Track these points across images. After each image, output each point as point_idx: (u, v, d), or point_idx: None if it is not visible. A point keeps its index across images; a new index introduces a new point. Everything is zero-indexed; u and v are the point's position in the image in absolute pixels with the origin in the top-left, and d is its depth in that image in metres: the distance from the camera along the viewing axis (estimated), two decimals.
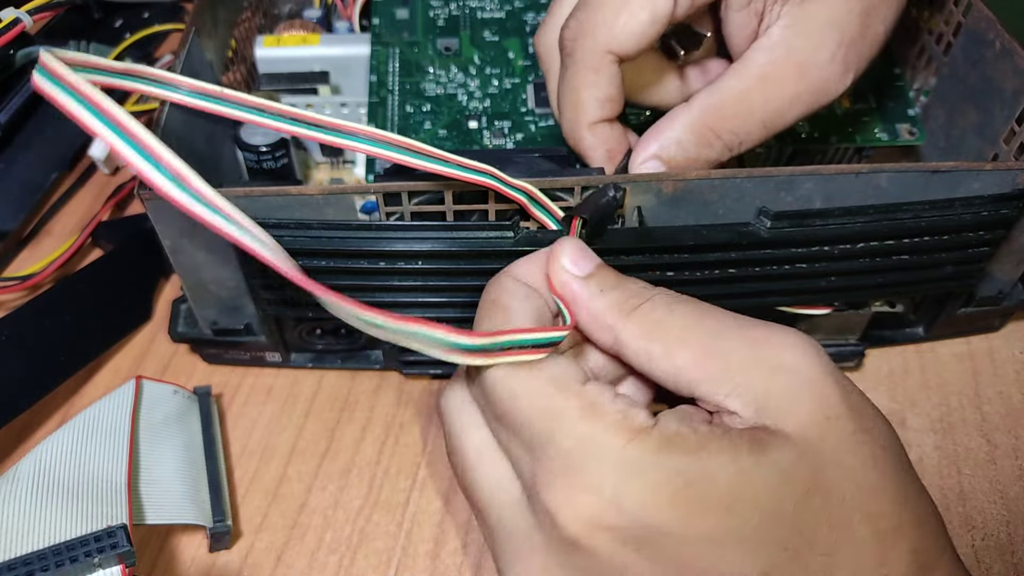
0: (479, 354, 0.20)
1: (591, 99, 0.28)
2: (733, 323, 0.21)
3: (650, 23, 0.27)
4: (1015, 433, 0.33)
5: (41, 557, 0.22)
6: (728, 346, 0.21)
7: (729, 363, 0.20)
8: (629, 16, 0.27)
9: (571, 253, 0.23)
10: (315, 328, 0.33)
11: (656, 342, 0.21)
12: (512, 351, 0.21)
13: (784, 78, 0.27)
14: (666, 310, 0.22)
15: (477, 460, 0.22)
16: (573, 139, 0.30)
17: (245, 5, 0.39)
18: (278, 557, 0.30)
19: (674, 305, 0.22)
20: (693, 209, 0.28)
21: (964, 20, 0.33)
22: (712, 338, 0.21)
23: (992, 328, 0.36)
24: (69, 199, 0.42)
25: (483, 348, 0.20)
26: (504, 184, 0.25)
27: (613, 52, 0.27)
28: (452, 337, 0.20)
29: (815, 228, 0.27)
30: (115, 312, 0.36)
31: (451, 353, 0.20)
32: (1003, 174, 0.28)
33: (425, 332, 0.20)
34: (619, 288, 0.22)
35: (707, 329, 0.21)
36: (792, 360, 0.20)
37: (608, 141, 0.29)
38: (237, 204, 0.27)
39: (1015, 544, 0.30)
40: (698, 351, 0.21)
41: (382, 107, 0.35)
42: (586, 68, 0.28)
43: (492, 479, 0.22)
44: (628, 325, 0.22)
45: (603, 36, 0.27)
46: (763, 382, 0.20)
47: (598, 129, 0.29)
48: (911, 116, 0.35)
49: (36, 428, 0.33)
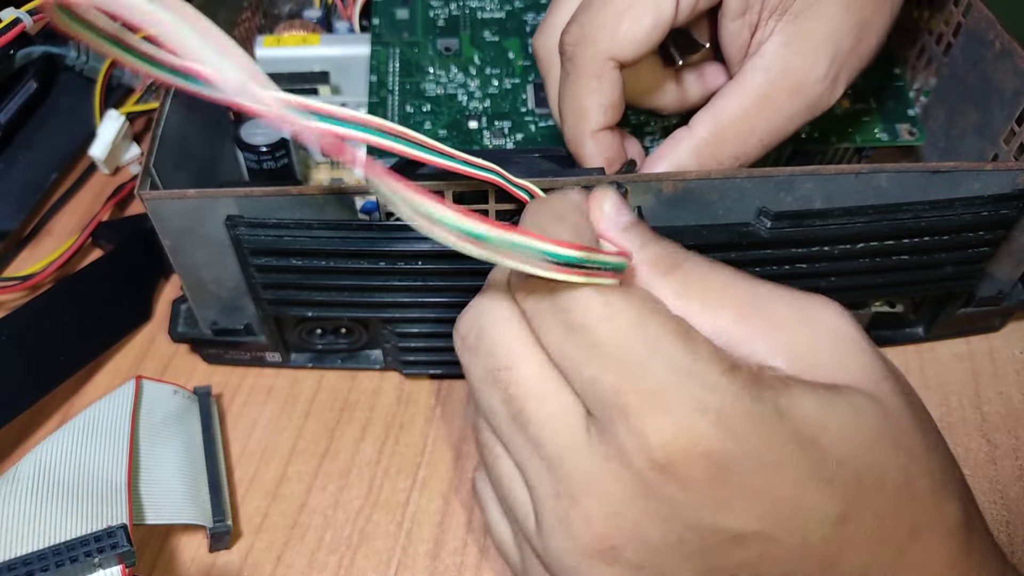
0: (575, 269, 0.19)
1: (594, 106, 0.28)
2: (770, 286, 0.21)
3: (652, 28, 0.27)
4: (1015, 433, 0.33)
5: (41, 557, 0.22)
6: (769, 306, 0.21)
7: (772, 321, 0.20)
8: (633, 22, 0.27)
9: (613, 201, 0.22)
10: (315, 328, 0.33)
11: (695, 300, 0.21)
12: (602, 271, 0.19)
13: (781, 98, 0.27)
14: (705, 268, 0.21)
15: (539, 385, 0.20)
16: (575, 146, 0.29)
17: (245, 5, 0.39)
18: (278, 557, 0.30)
19: (713, 265, 0.22)
20: (693, 209, 0.28)
21: (964, 20, 0.33)
22: (752, 298, 0.21)
23: (992, 328, 0.36)
24: (69, 199, 0.42)
25: (580, 263, 0.19)
26: (509, 182, 0.25)
27: (615, 58, 0.27)
28: (555, 249, 0.18)
29: (815, 228, 0.27)
30: (115, 312, 0.36)
31: (552, 268, 0.19)
32: (1003, 174, 0.28)
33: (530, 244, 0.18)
34: (659, 243, 0.22)
35: (746, 289, 0.21)
36: (834, 321, 0.21)
37: (609, 148, 0.29)
38: (237, 204, 0.27)
39: (1015, 544, 0.30)
40: (739, 310, 0.21)
41: (382, 107, 0.35)
42: (588, 75, 0.27)
43: (556, 406, 0.20)
44: (666, 282, 0.21)
45: (605, 42, 0.27)
46: (808, 340, 0.20)
47: (600, 136, 0.29)
48: (911, 116, 0.35)
49: (36, 428, 0.33)
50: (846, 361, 0.20)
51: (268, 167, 0.35)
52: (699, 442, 0.18)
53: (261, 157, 0.34)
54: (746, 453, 0.18)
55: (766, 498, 0.18)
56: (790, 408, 0.19)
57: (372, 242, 0.27)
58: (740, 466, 0.18)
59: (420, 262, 0.28)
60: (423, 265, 0.28)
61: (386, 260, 0.28)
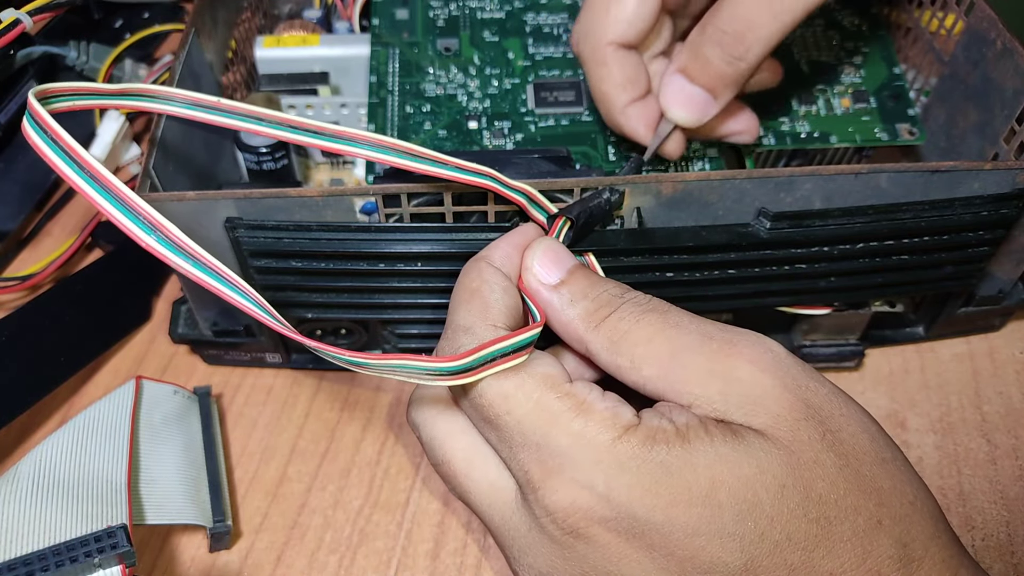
0: (464, 374, 0.21)
1: (610, 88, 0.30)
2: (696, 333, 0.22)
3: (638, 4, 0.29)
4: (1015, 433, 0.33)
5: (41, 557, 0.22)
6: (687, 359, 0.21)
7: (687, 377, 0.21)
8: (619, 8, 0.29)
9: (542, 258, 0.24)
10: (315, 329, 0.33)
11: (623, 356, 0.22)
12: (495, 361, 0.21)
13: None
14: (632, 321, 0.22)
15: (468, 466, 0.23)
16: (613, 127, 0.32)
17: (245, 5, 0.39)
18: (278, 557, 0.30)
19: (640, 316, 0.22)
20: (693, 210, 0.28)
21: (965, 19, 0.33)
22: (671, 353, 0.22)
23: (992, 328, 0.36)
24: (69, 199, 0.42)
25: (467, 368, 0.21)
26: (503, 185, 0.25)
27: (614, 42, 0.29)
28: (435, 365, 0.21)
29: (815, 229, 0.27)
30: (115, 312, 0.36)
31: (437, 379, 0.21)
32: (1003, 174, 0.28)
33: (408, 364, 0.21)
34: (588, 297, 0.23)
35: (668, 344, 0.22)
36: (748, 371, 0.21)
37: (643, 116, 0.31)
38: (236, 206, 0.27)
39: (1015, 544, 0.30)
40: (659, 366, 0.22)
41: (382, 107, 0.35)
42: (595, 64, 0.30)
43: (486, 483, 0.23)
44: (597, 337, 0.22)
45: (599, 31, 0.29)
46: (720, 394, 0.21)
47: (629, 111, 0.30)
48: (911, 116, 0.35)
49: (36, 428, 0.33)
50: (757, 409, 0.20)
51: (268, 168, 0.35)
52: (593, 511, 0.20)
53: (261, 158, 0.34)
54: (636, 515, 0.20)
55: (664, 552, 0.20)
56: (682, 466, 0.20)
57: (371, 244, 0.27)
58: (634, 527, 0.20)
59: (419, 263, 0.28)
60: (422, 266, 0.28)
61: (385, 261, 0.28)
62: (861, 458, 0.20)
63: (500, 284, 0.23)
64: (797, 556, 0.19)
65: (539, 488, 0.21)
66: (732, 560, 0.19)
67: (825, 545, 0.19)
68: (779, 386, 0.21)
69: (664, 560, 0.20)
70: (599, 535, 0.20)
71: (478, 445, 0.23)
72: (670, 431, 0.20)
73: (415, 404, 0.25)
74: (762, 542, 0.19)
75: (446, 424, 0.23)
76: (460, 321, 0.23)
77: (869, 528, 0.19)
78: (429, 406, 0.24)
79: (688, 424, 0.20)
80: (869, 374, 0.35)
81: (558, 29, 0.38)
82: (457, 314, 0.23)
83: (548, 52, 0.37)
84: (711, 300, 0.29)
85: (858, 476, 0.20)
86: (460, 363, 0.21)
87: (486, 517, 0.23)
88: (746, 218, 0.28)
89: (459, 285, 0.24)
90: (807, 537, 0.19)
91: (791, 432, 0.20)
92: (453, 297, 0.24)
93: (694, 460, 0.20)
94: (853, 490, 0.20)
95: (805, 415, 0.20)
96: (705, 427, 0.20)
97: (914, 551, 0.20)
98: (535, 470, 0.21)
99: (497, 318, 0.23)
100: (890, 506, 0.20)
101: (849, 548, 0.19)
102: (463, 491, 0.23)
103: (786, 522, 0.19)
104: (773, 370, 0.21)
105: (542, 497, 0.20)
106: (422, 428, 0.24)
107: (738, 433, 0.20)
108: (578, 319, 0.23)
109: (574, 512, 0.20)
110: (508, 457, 0.22)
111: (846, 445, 0.20)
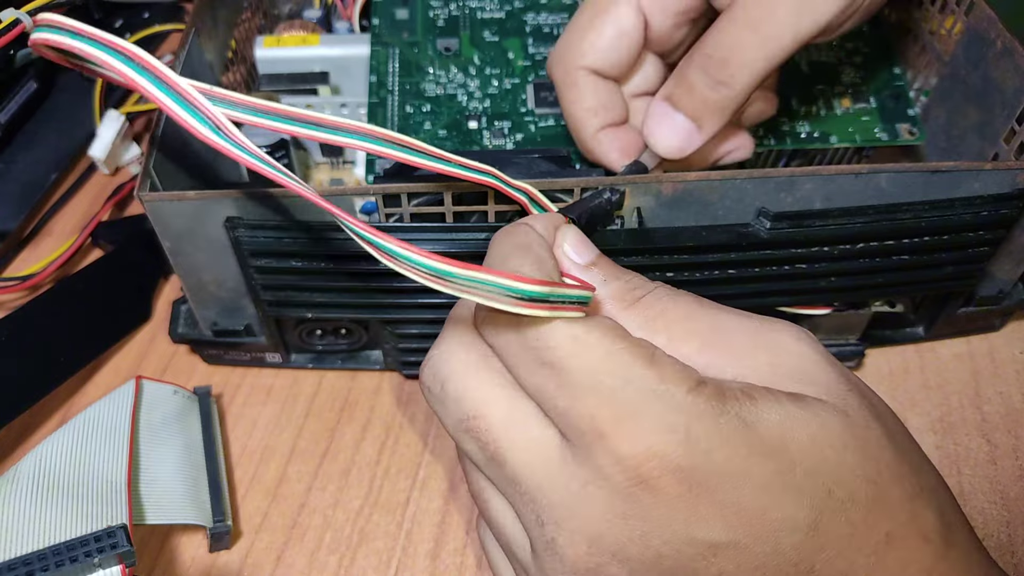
0: (544, 305, 0.20)
1: (580, 112, 0.30)
2: (732, 313, 0.22)
3: (616, 37, 0.29)
4: (1015, 433, 0.33)
5: (41, 557, 0.22)
6: (729, 334, 0.21)
7: (733, 348, 0.21)
8: (596, 35, 0.29)
9: (573, 241, 0.23)
10: (315, 329, 0.33)
11: (659, 334, 0.21)
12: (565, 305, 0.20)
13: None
14: (669, 301, 0.22)
15: (507, 419, 0.21)
16: (584, 152, 0.32)
17: (245, 5, 0.39)
18: (278, 557, 0.30)
19: (675, 296, 0.22)
20: (693, 210, 0.28)
21: (965, 19, 0.33)
22: (712, 327, 0.22)
23: (992, 328, 0.36)
24: (69, 199, 0.42)
25: (547, 298, 0.20)
26: (506, 184, 0.25)
27: (586, 68, 0.30)
28: (519, 285, 0.19)
29: (815, 229, 0.27)
30: (115, 312, 0.36)
31: (516, 304, 0.19)
32: (1003, 174, 0.28)
33: (490, 280, 0.19)
34: (620, 278, 0.23)
35: (707, 319, 0.22)
36: (793, 343, 0.21)
37: (615, 142, 0.30)
38: (236, 206, 0.27)
39: (1015, 544, 0.30)
40: (701, 341, 0.21)
41: (382, 107, 0.35)
42: (565, 86, 0.30)
43: (527, 438, 0.21)
44: (630, 316, 0.22)
45: (573, 55, 0.30)
46: (769, 361, 0.21)
47: (601, 136, 0.30)
48: (911, 116, 0.35)
49: (36, 428, 0.33)
50: (808, 378, 0.21)
51: None
52: (670, 458, 0.19)
53: None
54: (713, 466, 0.19)
55: (735, 508, 0.19)
56: (755, 420, 0.19)
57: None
58: (708, 478, 0.19)
59: None
60: None
61: None
62: (899, 432, 0.21)
63: (546, 246, 0.22)
64: (859, 515, 0.19)
65: (610, 435, 0.19)
66: (801, 517, 0.19)
67: (881, 506, 0.19)
68: (824, 360, 0.21)
69: (734, 517, 0.19)
70: (670, 487, 0.19)
71: (517, 398, 0.21)
72: (737, 390, 0.20)
73: (438, 356, 0.23)
74: (829, 499, 0.19)
75: (481, 374, 0.22)
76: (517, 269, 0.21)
77: (914, 494, 0.20)
78: (460, 356, 0.22)
79: (751, 386, 0.20)
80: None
81: (558, 29, 0.38)
82: (508, 264, 0.21)
83: (548, 52, 0.37)
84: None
85: (898, 447, 0.20)
86: (542, 290, 0.19)
87: (522, 477, 0.21)
88: (746, 218, 0.28)
89: (502, 243, 0.22)
90: (866, 497, 0.19)
91: (843, 400, 0.20)
92: (495, 253, 0.22)
93: (766, 416, 0.19)
94: (897, 458, 0.20)
95: (849, 387, 0.21)
96: (767, 389, 0.20)
97: (951, 520, 0.20)
98: (606, 416, 0.19)
99: (552, 273, 0.22)
100: (926, 478, 0.21)
101: (900, 511, 0.20)
102: (496, 448, 0.21)
103: (849, 481, 0.19)
104: (815, 346, 0.21)
105: (614, 445, 0.19)
106: (450, 380, 0.22)
107: (799, 396, 0.20)
108: (610, 299, 0.22)
109: (650, 459, 0.19)
110: (567, 406, 0.20)
111: (885, 419, 0.21)
